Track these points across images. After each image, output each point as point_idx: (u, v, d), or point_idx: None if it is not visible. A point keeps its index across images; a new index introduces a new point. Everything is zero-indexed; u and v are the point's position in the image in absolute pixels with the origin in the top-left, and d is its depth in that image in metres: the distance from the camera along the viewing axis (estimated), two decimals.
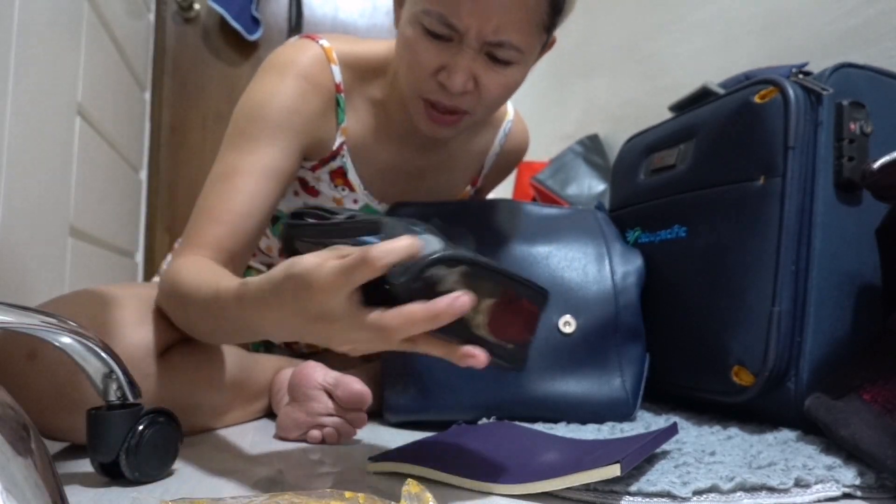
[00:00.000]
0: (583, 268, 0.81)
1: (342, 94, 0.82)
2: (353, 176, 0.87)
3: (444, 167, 0.94)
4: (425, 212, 0.84)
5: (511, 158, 1.03)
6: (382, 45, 0.86)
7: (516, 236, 0.83)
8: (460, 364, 0.45)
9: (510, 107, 0.99)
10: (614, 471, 0.47)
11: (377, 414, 0.83)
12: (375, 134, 0.87)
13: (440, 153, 0.93)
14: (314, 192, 0.88)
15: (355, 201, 0.90)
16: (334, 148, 0.84)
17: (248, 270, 0.96)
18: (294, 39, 0.83)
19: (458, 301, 0.42)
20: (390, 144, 0.88)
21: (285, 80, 0.78)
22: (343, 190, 0.88)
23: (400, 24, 0.74)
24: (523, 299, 0.48)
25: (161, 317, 0.71)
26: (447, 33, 0.68)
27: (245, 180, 0.74)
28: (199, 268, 0.65)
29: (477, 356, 0.45)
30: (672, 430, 0.61)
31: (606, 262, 0.81)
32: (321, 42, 0.81)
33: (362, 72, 0.84)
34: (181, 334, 0.75)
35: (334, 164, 0.85)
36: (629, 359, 0.80)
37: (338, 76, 0.81)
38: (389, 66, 0.84)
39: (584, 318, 0.79)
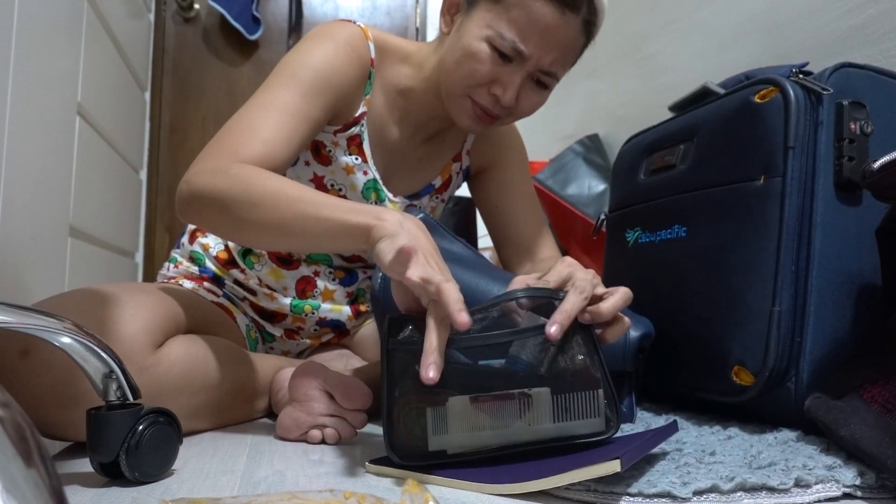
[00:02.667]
0: None
1: (374, 69, 0.91)
2: (367, 147, 0.92)
3: (438, 154, 1.02)
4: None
5: (501, 128, 1.05)
6: (404, 40, 0.95)
7: None
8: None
9: None
10: (614, 466, 0.46)
11: (377, 414, 0.82)
12: (393, 117, 0.94)
13: (439, 143, 1.00)
14: (327, 161, 0.92)
15: (365, 173, 0.93)
16: (357, 114, 0.90)
17: (248, 257, 0.96)
18: (334, 20, 0.91)
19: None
20: (404, 130, 0.95)
21: (333, 45, 0.85)
22: (357, 159, 0.92)
23: (463, 35, 0.83)
24: None
25: (157, 310, 0.71)
26: (513, 55, 0.81)
27: (299, 124, 0.80)
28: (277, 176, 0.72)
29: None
30: (672, 428, 0.61)
31: None
32: (357, 23, 0.91)
33: (390, 56, 0.92)
34: (178, 328, 0.75)
35: (354, 131, 0.91)
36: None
37: (373, 52, 0.90)
38: (414, 59, 0.93)
39: None
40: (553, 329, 0.56)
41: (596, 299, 0.61)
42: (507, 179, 1.04)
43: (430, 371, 0.53)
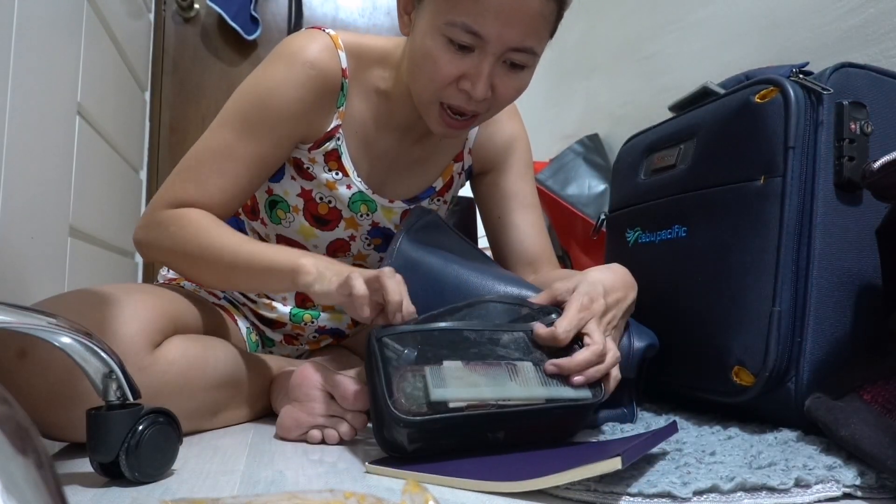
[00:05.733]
0: None
1: (347, 80, 0.85)
2: (346, 160, 0.88)
3: (434, 154, 0.96)
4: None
5: (505, 128, 0.99)
6: (382, 39, 0.89)
7: None
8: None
9: None
10: (615, 464, 0.46)
11: None
12: (376, 123, 0.89)
13: (437, 143, 0.94)
14: (309, 177, 0.88)
15: (348, 186, 0.89)
16: (329, 129, 0.86)
17: None
18: (301, 31, 0.86)
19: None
20: (390, 135, 0.90)
21: (294, 68, 0.81)
22: (337, 174, 0.88)
23: (416, 34, 0.76)
24: None
25: (156, 310, 0.71)
26: (470, 42, 0.71)
27: (240, 167, 0.81)
28: (222, 227, 0.80)
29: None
30: (672, 429, 0.61)
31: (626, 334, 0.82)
32: (327, 31, 0.85)
33: (365, 61, 0.87)
34: (176, 328, 0.75)
35: (329, 146, 0.86)
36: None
37: (344, 62, 0.84)
38: (392, 59, 0.87)
39: None
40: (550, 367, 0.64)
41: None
42: (510, 188, 0.98)
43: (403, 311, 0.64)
